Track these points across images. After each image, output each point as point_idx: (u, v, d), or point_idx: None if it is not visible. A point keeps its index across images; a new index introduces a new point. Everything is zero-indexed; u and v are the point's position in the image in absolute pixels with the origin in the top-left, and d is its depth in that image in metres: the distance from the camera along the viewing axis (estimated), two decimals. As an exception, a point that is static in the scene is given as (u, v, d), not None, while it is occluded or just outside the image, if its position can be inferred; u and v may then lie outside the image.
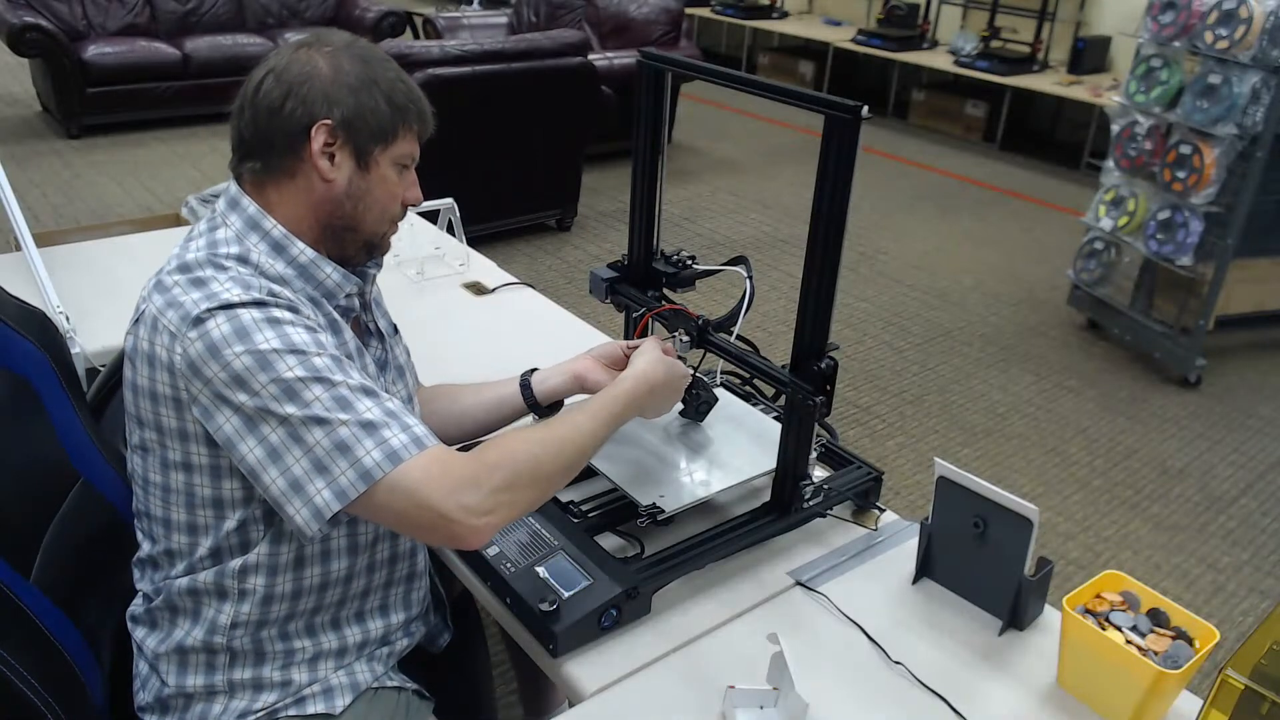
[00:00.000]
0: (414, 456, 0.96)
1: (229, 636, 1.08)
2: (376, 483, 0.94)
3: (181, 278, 0.99)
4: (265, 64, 1.06)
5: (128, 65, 5.49)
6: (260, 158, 1.06)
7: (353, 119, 1.04)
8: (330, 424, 0.94)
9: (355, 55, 1.07)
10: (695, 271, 1.44)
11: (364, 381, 0.99)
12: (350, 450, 0.94)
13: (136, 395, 1.02)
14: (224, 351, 0.94)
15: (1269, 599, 2.51)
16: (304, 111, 1.03)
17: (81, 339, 1.60)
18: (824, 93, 1.08)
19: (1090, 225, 3.74)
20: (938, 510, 1.21)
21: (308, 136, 1.04)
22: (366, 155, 1.07)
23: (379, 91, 1.06)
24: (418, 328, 1.78)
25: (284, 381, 0.94)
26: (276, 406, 0.94)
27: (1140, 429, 3.27)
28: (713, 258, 1.42)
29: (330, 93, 1.04)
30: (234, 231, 1.05)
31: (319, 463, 0.94)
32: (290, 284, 1.05)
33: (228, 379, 0.94)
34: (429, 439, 0.98)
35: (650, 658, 1.11)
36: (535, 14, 5.92)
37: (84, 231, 2.74)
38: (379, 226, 1.11)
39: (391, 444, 0.95)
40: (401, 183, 1.11)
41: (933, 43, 6.82)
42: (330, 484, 0.94)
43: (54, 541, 1.12)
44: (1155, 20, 3.41)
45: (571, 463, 1.08)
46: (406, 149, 1.10)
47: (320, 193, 1.06)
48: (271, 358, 0.94)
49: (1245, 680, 0.89)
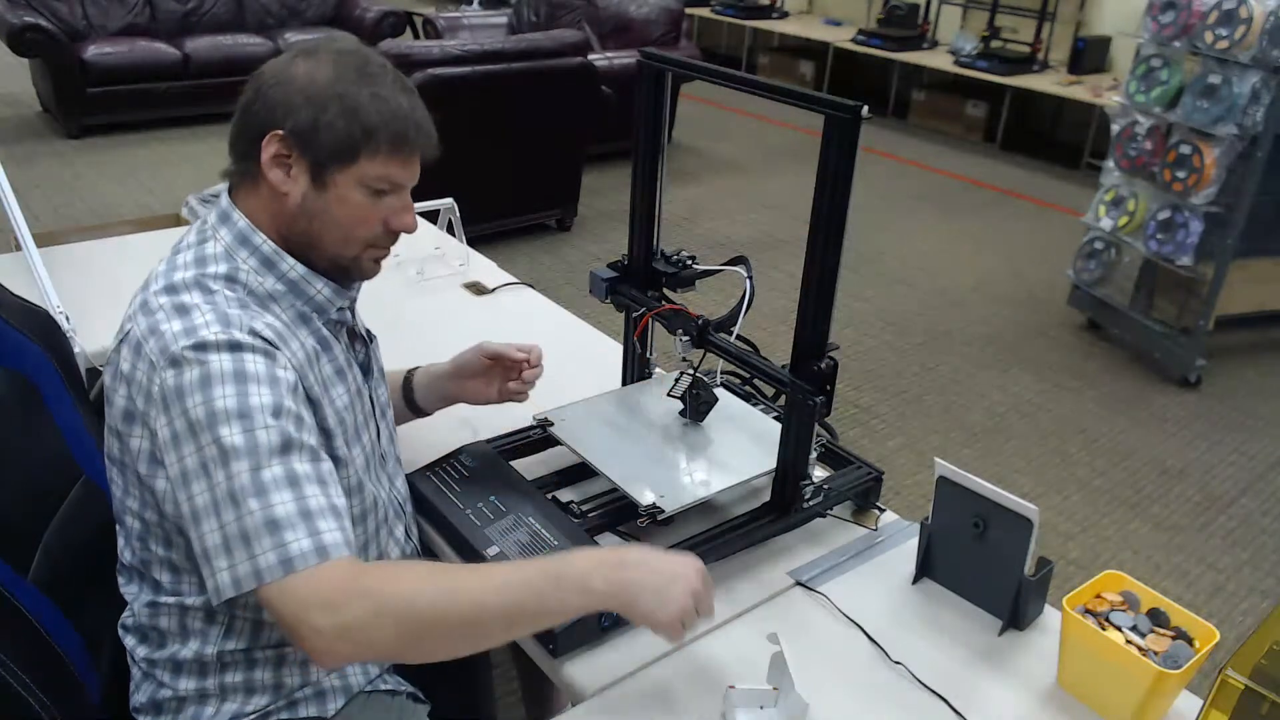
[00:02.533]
0: (309, 568, 0.90)
1: (221, 647, 1.07)
2: (264, 584, 0.90)
3: (167, 301, 0.98)
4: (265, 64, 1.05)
5: (128, 65, 5.49)
6: (233, 159, 1.05)
7: (304, 131, 1.00)
8: (245, 507, 0.91)
9: (341, 65, 1.01)
10: (695, 271, 1.44)
11: (301, 468, 0.94)
12: (250, 543, 0.90)
13: (113, 410, 1.01)
14: (186, 399, 0.93)
15: (1269, 599, 2.51)
16: (263, 117, 1.00)
17: (81, 339, 1.59)
18: (824, 93, 1.08)
19: (1090, 225, 3.74)
20: (938, 510, 1.21)
21: (260, 146, 1.01)
22: (322, 173, 1.01)
23: (339, 106, 0.99)
24: (418, 328, 1.78)
25: (221, 445, 0.92)
26: (212, 468, 0.92)
27: (1140, 429, 3.27)
28: (713, 258, 1.41)
29: (290, 101, 1.00)
30: (223, 247, 1.03)
31: (226, 542, 0.91)
32: (279, 301, 1.03)
33: (183, 426, 0.93)
34: (334, 548, 0.91)
35: (650, 658, 1.11)
36: (535, 14, 5.92)
37: (84, 231, 2.74)
38: (344, 248, 1.06)
39: (290, 550, 0.90)
40: (376, 207, 1.04)
41: (933, 43, 6.83)
42: (230, 567, 0.91)
43: (54, 540, 1.12)
44: (1155, 20, 3.41)
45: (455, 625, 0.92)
46: (378, 172, 1.02)
47: (278, 204, 1.03)
48: (220, 418, 0.92)
49: (1245, 680, 0.89)
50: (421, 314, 1.85)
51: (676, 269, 1.43)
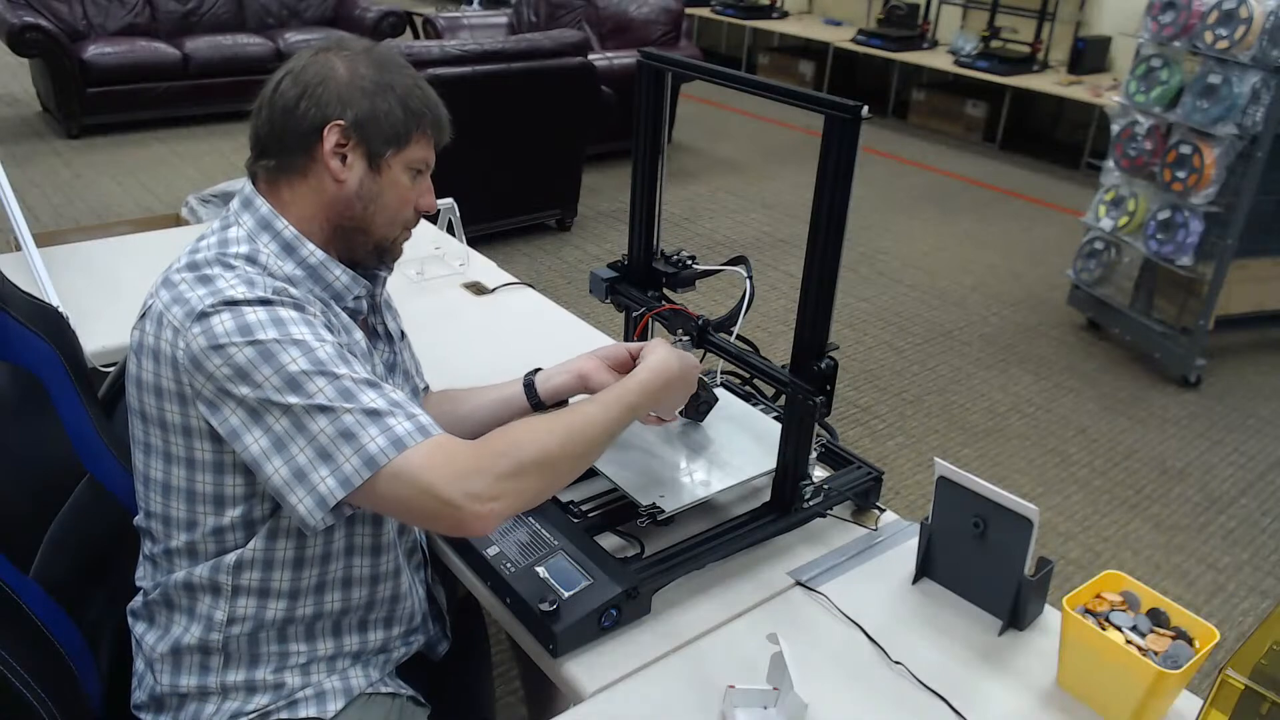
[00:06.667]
0: (418, 444, 0.96)
1: (225, 634, 1.08)
2: (380, 469, 0.94)
3: (189, 275, 1.00)
4: (285, 66, 1.08)
5: (128, 65, 5.49)
6: (274, 155, 1.07)
7: (365, 121, 1.06)
8: (334, 412, 0.94)
9: (373, 60, 1.08)
10: (695, 271, 1.44)
11: (368, 375, 0.99)
12: (354, 437, 0.94)
13: (141, 390, 1.02)
14: (227, 346, 0.94)
15: (1269, 599, 2.51)
16: (317, 112, 1.05)
17: (81, 339, 1.59)
18: (824, 93, 1.08)
19: (1090, 225, 3.74)
20: (938, 510, 1.21)
21: (320, 136, 1.05)
22: (379, 157, 1.08)
23: (394, 96, 1.07)
24: (418, 328, 1.78)
25: (287, 374, 0.94)
26: (279, 397, 0.94)
27: (1140, 429, 3.27)
28: (713, 258, 1.42)
29: (344, 94, 1.05)
30: (246, 230, 1.06)
31: (323, 450, 0.94)
32: (299, 285, 1.05)
33: (231, 372, 0.95)
34: (434, 428, 0.98)
35: (650, 658, 1.11)
36: (535, 14, 5.92)
37: (84, 231, 2.74)
38: (389, 230, 1.12)
39: (396, 431, 0.95)
40: (414, 188, 1.12)
41: (933, 43, 6.83)
42: (334, 471, 0.94)
43: (57, 538, 1.12)
44: (1155, 20, 3.41)
45: (581, 452, 1.07)
46: (420, 154, 1.11)
47: (331, 193, 1.07)
48: (274, 349, 0.95)
49: (1245, 680, 0.89)
50: (421, 314, 1.85)
51: (676, 269, 1.43)
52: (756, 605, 1.20)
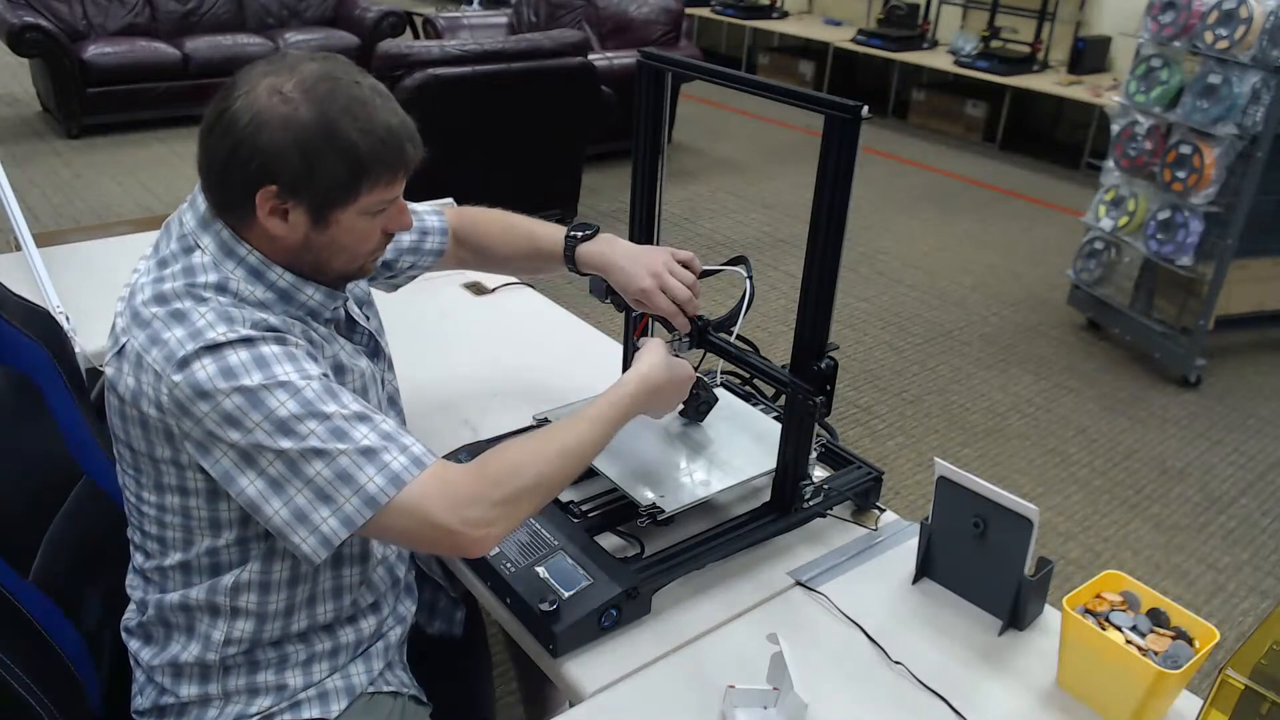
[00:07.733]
0: (416, 477, 0.96)
1: (223, 653, 1.07)
2: (382, 507, 0.95)
3: (160, 310, 0.96)
4: (225, 95, 0.96)
5: (128, 65, 5.49)
6: (218, 196, 1.00)
7: (300, 184, 0.96)
8: (329, 454, 0.94)
9: (316, 98, 0.95)
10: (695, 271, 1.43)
11: (358, 407, 0.97)
12: (353, 478, 0.94)
13: (126, 423, 1.00)
14: (213, 393, 0.92)
15: (1269, 599, 2.51)
16: (249, 173, 0.95)
17: (81, 339, 1.59)
18: (824, 93, 1.08)
19: (1090, 225, 3.74)
20: (938, 510, 1.21)
21: (254, 199, 0.96)
22: (323, 214, 0.99)
23: (335, 149, 0.95)
24: (418, 328, 1.78)
25: (277, 418, 0.93)
26: (271, 442, 0.93)
27: (1140, 429, 3.27)
28: (713, 258, 1.41)
29: (279, 152, 0.94)
30: (210, 258, 1.00)
31: (321, 492, 0.94)
32: (271, 309, 1.02)
33: (219, 419, 0.93)
34: (427, 457, 0.98)
35: (650, 658, 1.11)
36: (535, 14, 5.92)
37: (84, 231, 2.74)
38: (350, 264, 1.06)
39: (393, 467, 0.95)
40: (376, 222, 1.04)
41: (933, 43, 6.82)
42: (335, 512, 0.94)
43: (56, 540, 1.12)
44: (1155, 20, 3.41)
45: (575, 468, 1.10)
46: (377, 198, 1.00)
47: (279, 243, 1.01)
48: (262, 395, 0.93)
49: (1245, 680, 0.89)
50: (421, 314, 1.85)
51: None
52: (756, 605, 1.20)
